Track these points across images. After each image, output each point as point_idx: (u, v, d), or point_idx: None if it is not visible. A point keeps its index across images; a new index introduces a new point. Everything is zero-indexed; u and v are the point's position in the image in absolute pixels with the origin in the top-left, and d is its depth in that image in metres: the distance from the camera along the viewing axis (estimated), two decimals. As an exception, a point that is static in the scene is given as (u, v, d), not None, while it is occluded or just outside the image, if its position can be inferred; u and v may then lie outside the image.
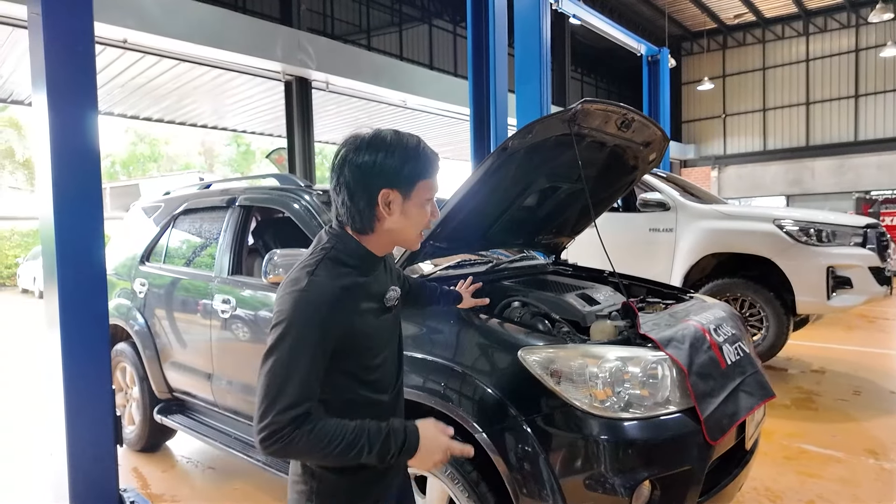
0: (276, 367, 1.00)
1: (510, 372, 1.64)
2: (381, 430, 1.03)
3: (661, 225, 4.84)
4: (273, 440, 0.97)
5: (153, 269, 3.36)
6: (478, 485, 1.65)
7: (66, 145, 2.04)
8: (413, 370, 1.83)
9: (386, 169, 1.07)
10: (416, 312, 1.94)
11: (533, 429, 1.56)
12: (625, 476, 1.49)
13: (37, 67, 2.04)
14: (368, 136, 1.11)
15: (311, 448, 0.99)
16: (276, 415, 0.97)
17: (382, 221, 1.11)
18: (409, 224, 1.13)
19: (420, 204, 1.12)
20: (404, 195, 1.10)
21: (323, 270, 1.07)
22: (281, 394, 0.98)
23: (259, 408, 0.99)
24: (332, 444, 0.99)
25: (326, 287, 1.04)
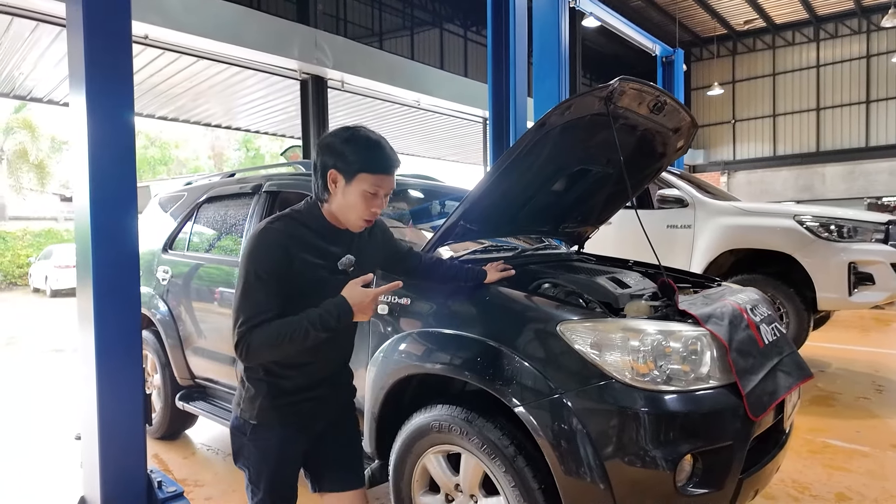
0: (239, 294, 1.29)
1: (548, 346, 1.64)
2: (316, 312, 1.29)
3: (678, 221, 4.82)
4: (239, 348, 1.26)
5: (176, 257, 3.38)
6: (514, 459, 1.65)
7: (105, 140, 2.08)
8: (443, 347, 1.83)
9: (337, 152, 1.34)
10: (442, 289, 1.94)
11: (573, 402, 1.55)
12: (667, 449, 1.48)
13: (75, 63, 2.08)
14: (337, 130, 1.38)
15: (267, 343, 1.26)
16: (239, 328, 1.27)
17: (331, 196, 1.37)
18: (347, 206, 1.37)
19: (359, 193, 1.34)
20: (346, 179, 1.34)
21: (280, 222, 1.35)
22: (241, 312, 1.27)
23: (232, 327, 1.29)
24: (282, 335, 1.26)
25: (277, 233, 1.32)
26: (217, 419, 2.90)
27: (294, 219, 1.37)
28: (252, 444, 1.45)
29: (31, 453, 3.36)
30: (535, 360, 1.64)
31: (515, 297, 1.80)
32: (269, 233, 1.32)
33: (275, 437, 1.44)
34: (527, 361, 1.64)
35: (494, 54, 4.90)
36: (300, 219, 1.38)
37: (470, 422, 1.75)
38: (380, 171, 1.34)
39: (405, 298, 2.01)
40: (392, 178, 1.38)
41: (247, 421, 1.44)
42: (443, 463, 1.88)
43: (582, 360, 1.58)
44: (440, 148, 15.04)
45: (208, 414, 2.97)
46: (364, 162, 1.33)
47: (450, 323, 1.87)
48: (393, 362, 1.97)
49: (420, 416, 1.91)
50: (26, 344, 7.32)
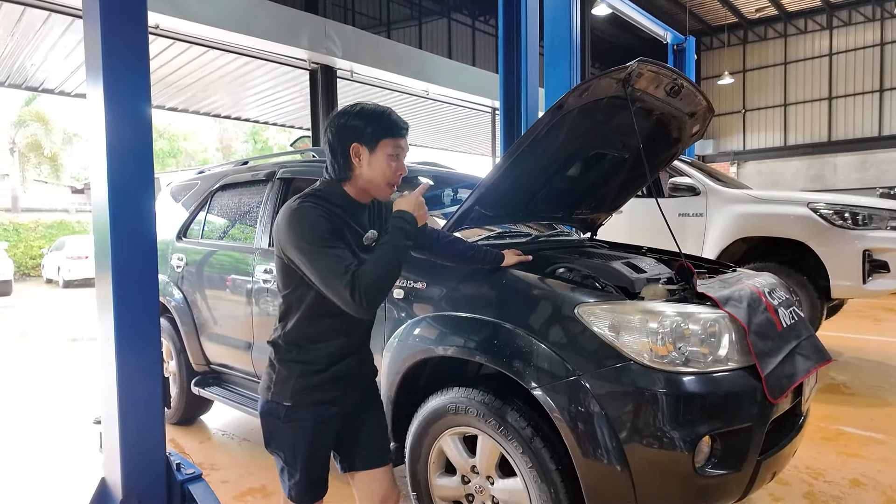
0: (316, 264, 1.30)
1: (566, 328, 1.64)
2: (388, 233, 1.36)
3: (690, 210, 4.79)
4: (356, 296, 1.26)
5: (190, 245, 3.40)
6: (532, 441, 1.66)
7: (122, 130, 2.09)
8: (458, 330, 1.84)
9: (354, 128, 1.39)
10: (457, 273, 1.95)
11: (591, 384, 1.55)
12: (685, 430, 1.49)
13: (92, 54, 2.09)
14: (345, 107, 1.43)
15: (376, 275, 1.29)
16: (342, 280, 1.27)
17: (355, 171, 1.42)
18: (375, 174, 1.42)
19: (384, 158, 1.41)
20: (370, 149, 1.40)
21: (308, 202, 1.36)
22: (332, 271, 1.28)
23: (334, 291, 1.29)
24: (384, 261, 1.32)
25: (315, 208, 1.35)
26: (232, 404, 2.94)
27: (320, 197, 1.39)
28: (287, 426, 1.46)
29: (51, 439, 3.42)
30: (552, 342, 1.64)
31: (531, 280, 1.80)
32: (307, 208, 1.35)
33: (310, 417, 1.46)
34: (544, 344, 1.65)
35: (506, 43, 4.88)
36: (326, 197, 1.40)
37: (487, 404, 1.76)
38: (398, 135, 1.42)
39: (420, 283, 2.02)
40: (406, 140, 1.46)
41: (280, 403, 1.45)
42: (459, 445, 1.90)
43: (600, 342, 1.58)
44: (448, 138, 15.00)
45: (224, 399, 3.01)
46: (383, 128, 1.40)
47: (465, 306, 1.88)
48: (408, 347, 1.99)
49: (436, 399, 1.92)
50: (41, 334, 7.41)
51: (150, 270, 2.20)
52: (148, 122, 2.15)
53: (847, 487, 2.52)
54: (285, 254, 1.39)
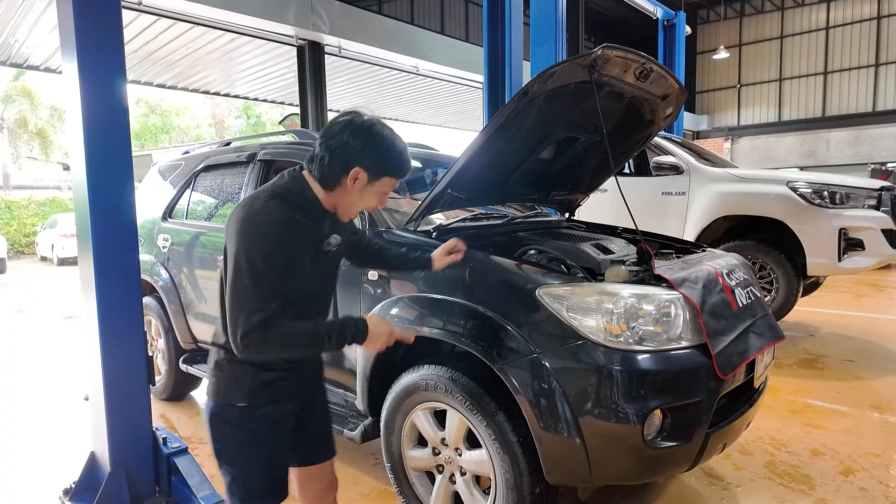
0: (244, 282, 1.19)
1: (529, 310, 1.71)
2: (338, 323, 1.29)
3: (673, 188, 4.85)
4: (246, 342, 1.18)
5: (175, 226, 3.45)
6: (494, 415, 1.74)
7: (97, 107, 2.11)
8: (433, 311, 1.91)
9: (368, 155, 1.29)
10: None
11: (550, 362, 1.63)
12: (637, 405, 1.57)
13: (66, 30, 2.10)
14: (371, 123, 1.30)
15: (283, 344, 1.22)
16: (248, 321, 1.18)
17: (343, 189, 1.32)
18: (360, 201, 1.36)
19: (376, 192, 1.35)
20: (370, 180, 1.32)
21: (277, 203, 1.25)
22: (249, 303, 1.18)
23: (232, 316, 1.19)
24: (301, 339, 1.24)
25: (279, 214, 1.24)
26: None
27: (287, 199, 1.27)
28: (241, 429, 1.34)
29: (45, 414, 3.51)
30: (516, 322, 1.71)
31: (501, 264, 1.86)
32: (271, 214, 1.22)
33: (269, 415, 1.36)
34: (509, 325, 1.72)
35: (490, 17, 4.85)
36: (293, 199, 1.28)
37: (454, 381, 1.84)
38: (403, 175, 1.36)
39: (394, 264, 2.08)
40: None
41: (232, 405, 1.33)
42: (430, 419, 1.99)
43: (559, 323, 1.65)
44: (441, 115, 14.89)
45: None
46: (393, 167, 1.32)
47: (439, 288, 1.94)
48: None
49: (409, 375, 2.01)
50: (37, 311, 7.48)
51: (130, 248, 2.25)
52: (123, 98, 2.16)
53: (807, 457, 2.64)
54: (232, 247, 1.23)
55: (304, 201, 1.30)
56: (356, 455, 2.73)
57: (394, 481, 2.12)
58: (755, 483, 2.41)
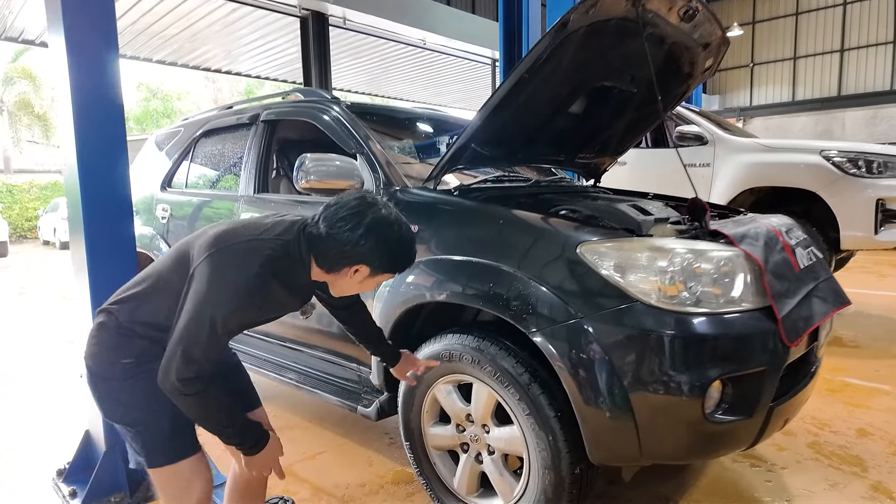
0: (193, 322, 1.16)
1: (568, 269, 1.52)
2: (248, 428, 1.28)
3: (697, 160, 4.62)
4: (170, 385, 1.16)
5: (175, 195, 3.26)
6: (529, 388, 1.56)
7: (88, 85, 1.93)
8: (454, 275, 1.72)
9: (375, 255, 1.24)
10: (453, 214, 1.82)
11: (594, 327, 1.44)
12: (695, 374, 1.38)
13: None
14: (381, 218, 1.23)
15: (195, 407, 1.20)
16: (185, 366, 1.15)
17: (341, 276, 1.28)
18: (355, 287, 1.33)
19: (374, 282, 1.32)
20: (371, 274, 1.28)
21: (269, 268, 1.21)
22: (191, 348, 1.15)
23: (173, 349, 1.16)
24: (211, 415, 1.22)
25: (255, 287, 1.20)
26: None
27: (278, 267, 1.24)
28: (130, 382, 1.27)
29: (41, 394, 3.37)
30: (553, 284, 1.52)
31: (532, 220, 1.66)
32: (253, 283, 1.20)
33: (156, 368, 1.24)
34: (544, 286, 1.53)
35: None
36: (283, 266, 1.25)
37: (482, 350, 1.66)
38: (402, 270, 1.35)
39: (413, 226, 1.89)
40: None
41: (117, 363, 1.27)
42: (453, 393, 1.81)
43: (604, 283, 1.46)
44: (446, 93, 14.56)
45: None
46: (396, 266, 1.30)
47: (461, 249, 1.75)
48: (400, 294, 1.87)
49: (430, 346, 1.82)
50: (38, 294, 7.35)
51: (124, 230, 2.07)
52: (115, 74, 1.98)
53: (853, 437, 2.46)
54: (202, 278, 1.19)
55: (293, 271, 1.28)
56: (369, 434, 2.57)
57: (413, 461, 1.95)
58: (801, 465, 2.23)
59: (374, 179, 2.07)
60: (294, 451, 2.43)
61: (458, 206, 1.86)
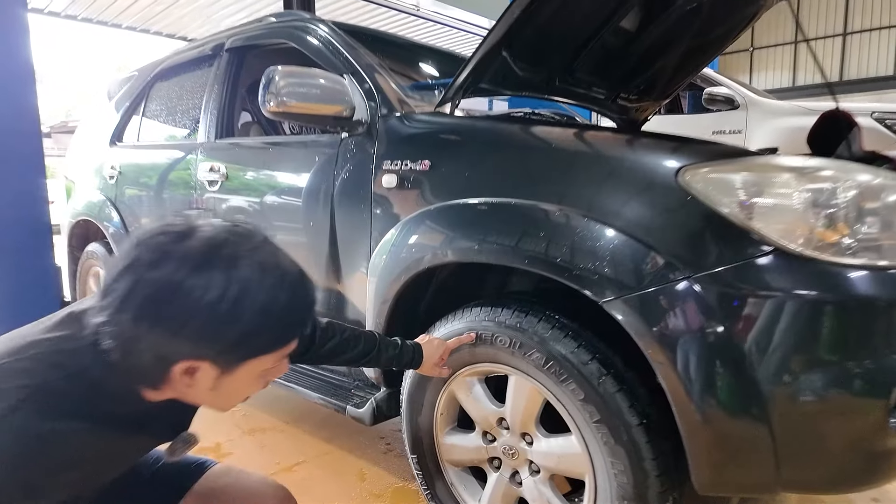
0: None
1: (664, 205, 1.02)
2: None
3: (727, 126, 4.15)
4: None
5: (125, 151, 2.72)
6: (600, 382, 1.06)
7: None
8: (484, 223, 1.22)
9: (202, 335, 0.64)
10: (483, 139, 1.32)
11: (707, 289, 0.94)
12: (877, 362, 0.89)
13: None
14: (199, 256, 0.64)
15: None
16: None
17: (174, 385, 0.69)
18: (226, 396, 0.74)
19: (254, 376, 0.72)
20: (223, 370, 0.68)
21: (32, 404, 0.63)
22: None
23: None
24: None
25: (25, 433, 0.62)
26: None
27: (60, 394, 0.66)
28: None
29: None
30: (640, 229, 1.02)
31: (602, 141, 1.16)
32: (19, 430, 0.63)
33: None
34: (625, 232, 1.03)
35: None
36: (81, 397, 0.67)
37: (524, 330, 1.16)
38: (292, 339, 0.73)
39: (421, 162, 1.38)
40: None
41: None
42: (480, 389, 1.31)
43: (723, 224, 0.96)
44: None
45: None
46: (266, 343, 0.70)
47: (494, 188, 1.24)
48: (403, 258, 1.37)
49: (447, 325, 1.32)
50: None
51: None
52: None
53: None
54: None
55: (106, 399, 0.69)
56: (361, 440, 2.06)
57: (421, 481, 1.45)
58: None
59: (368, 105, 1.55)
60: (265, 460, 1.92)
61: (489, 131, 1.35)
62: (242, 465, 1.08)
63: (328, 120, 1.52)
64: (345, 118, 1.52)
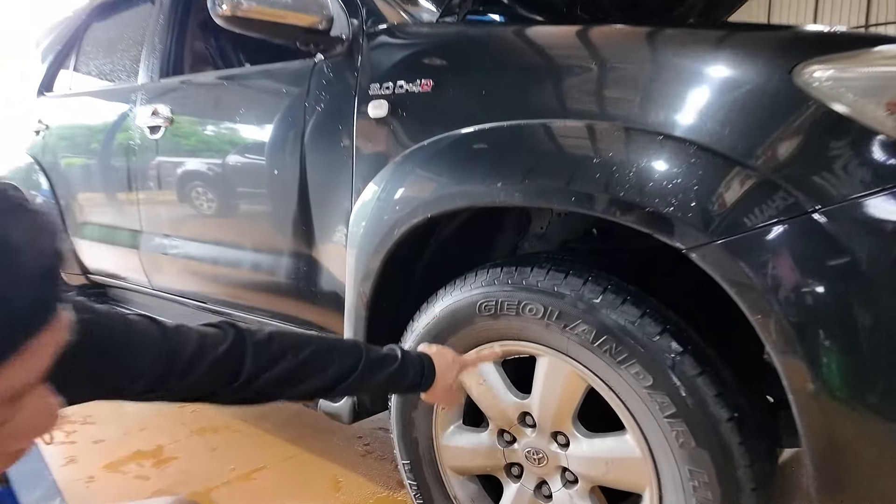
0: None
1: (775, 113, 0.73)
2: None
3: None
4: None
5: (55, 102, 2.32)
6: (675, 363, 0.78)
7: None
8: (510, 152, 0.92)
9: None
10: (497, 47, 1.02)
11: (839, 228, 0.66)
12: None
13: None
14: None
15: None
16: None
17: None
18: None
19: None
20: None
21: None
22: None
23: None
24: None
25: None
26: None
27: None
28: None
29: None
30: (743, 147, 0.73)
31: (683, 37, 0.87)
32: None
33: None
34: (722, 154, 0.74)
35: None
36: None
37: (563, 295, 0.86)
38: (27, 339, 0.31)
39: (422, 82, 1.06)
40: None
41: None
42: (497, 376, 1.01)
43: (862, 136, 0.68)
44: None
45: None
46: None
47: (526, 107, 0.94)
48: (394, 208, 1.06)
49: (453, 292, 1.02)
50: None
51: None
52: None
53: None
54: None
55: None
56: (334, 440, 1.73)
57: (416, 493, 1.14)
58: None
59: (350, 18, 1.21)
60: (217, 466, 1.58)
61: (518, 35, 1.04)
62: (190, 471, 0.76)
63: (298, 33, 1.19)
64: (320, 32, 1.19)
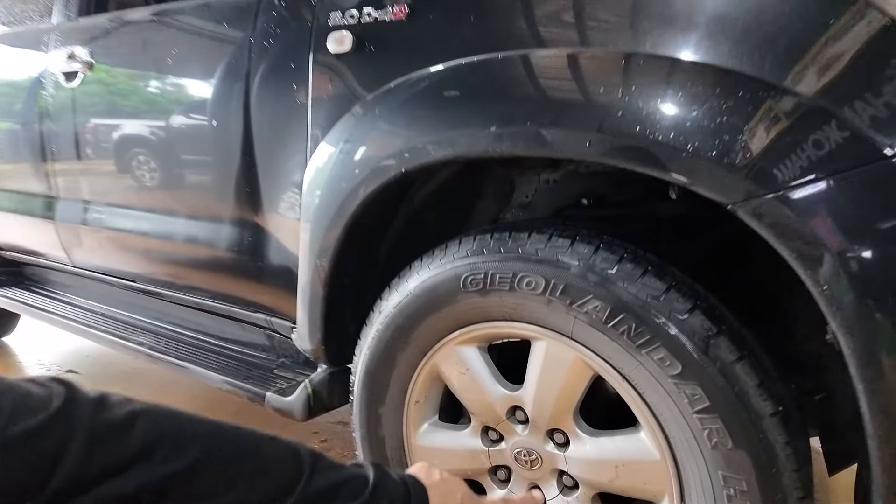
0: None
1: (835, 32, 0.59)
2: None
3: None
4: None
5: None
6: (707, 347, 0.64)
7: None
8: (489, 98, 0.77)
9: None
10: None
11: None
12: None
13: None
14: None
15: None
16: None
17: None
18: None
19: None
20: None
21: None
22: None
23: None
24: None
25: None
26: (42, 314, 1.75)
27: None
28: None
29: None
30: (793, 76, 0.59)
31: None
32: None
33: None
34: (770, 85, 0.59)
35: None
36: None
37: (568, 265, 0.71)
38: None
39: (395, 7, 0.87)
40: None
41: None
42: (482, 363, 0.85)
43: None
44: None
45: (27, 307, 1.81)
46: None
47: (521, 36, 0.77)
48: (357, 165, 0.88)
49: (431, 264, 0.85)
50: None
51: None
52: None
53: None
54: None
55: None
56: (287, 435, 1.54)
57: (383, 501, 0.97)
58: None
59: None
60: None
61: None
62: None
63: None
64: (268, -50, 0.99)
